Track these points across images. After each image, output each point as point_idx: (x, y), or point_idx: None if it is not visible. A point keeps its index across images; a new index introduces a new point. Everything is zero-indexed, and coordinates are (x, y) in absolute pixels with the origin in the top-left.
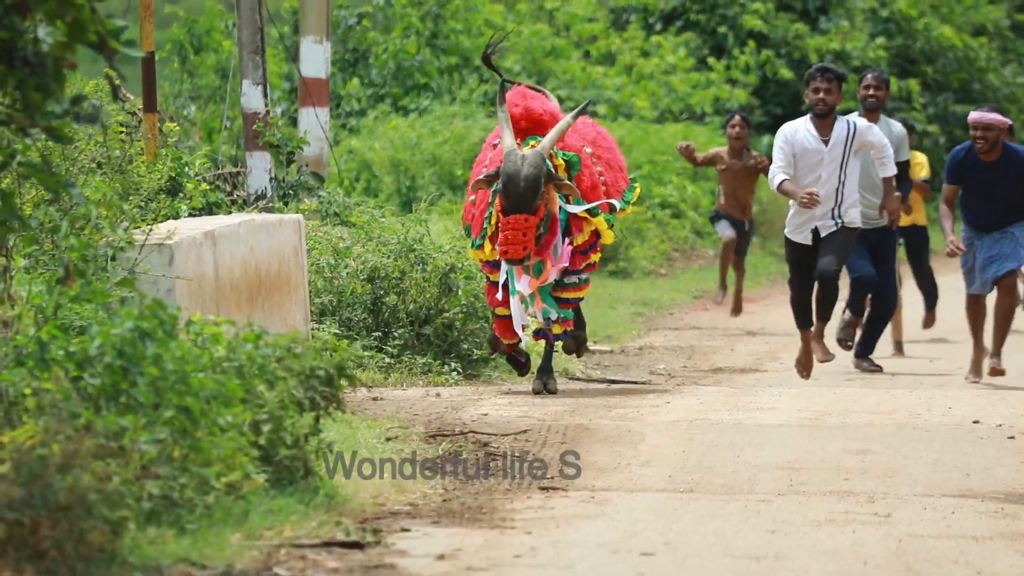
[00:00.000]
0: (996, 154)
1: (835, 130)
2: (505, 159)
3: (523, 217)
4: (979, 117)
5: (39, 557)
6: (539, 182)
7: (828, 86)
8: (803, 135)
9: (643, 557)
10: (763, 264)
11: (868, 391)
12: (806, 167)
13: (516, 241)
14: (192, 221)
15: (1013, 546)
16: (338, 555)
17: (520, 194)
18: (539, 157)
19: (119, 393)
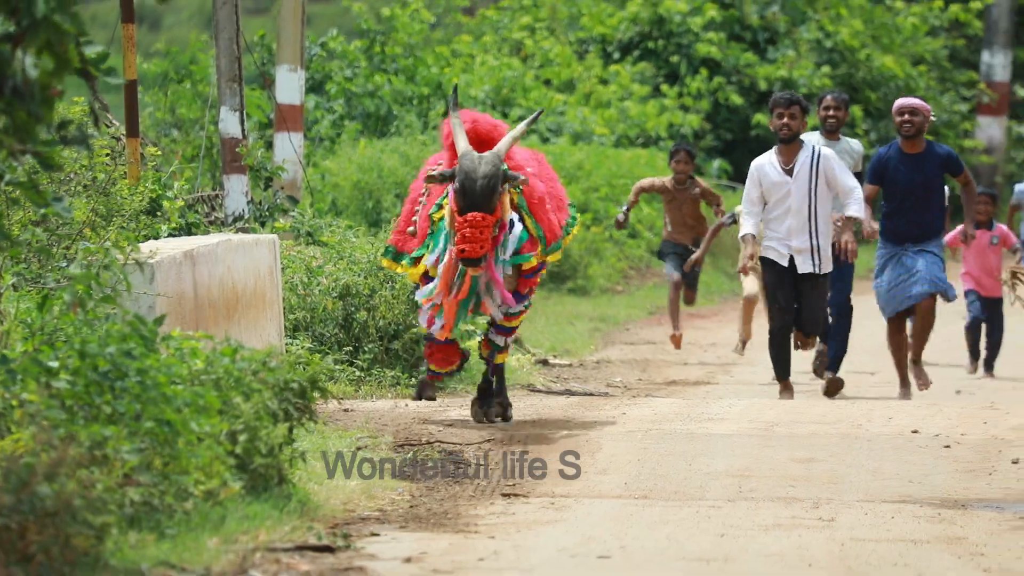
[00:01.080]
0: (920, 147)
1: (799, 159)
2: (461, 158)
3: (480, 215)
4: (904, 101)
5: (27, 561)
6: (497, 180)
7: (792, 111)
8: (767, 168)
9: (600, 560)
10: (715, 282)
11: (813, 403)
12: (775, 200)
13: (475, 239)
14: (172, 241)
15: (950, 549)
16: (310, 558)
17: (478, 191)
18: (496, 156)
19: (102, 404)
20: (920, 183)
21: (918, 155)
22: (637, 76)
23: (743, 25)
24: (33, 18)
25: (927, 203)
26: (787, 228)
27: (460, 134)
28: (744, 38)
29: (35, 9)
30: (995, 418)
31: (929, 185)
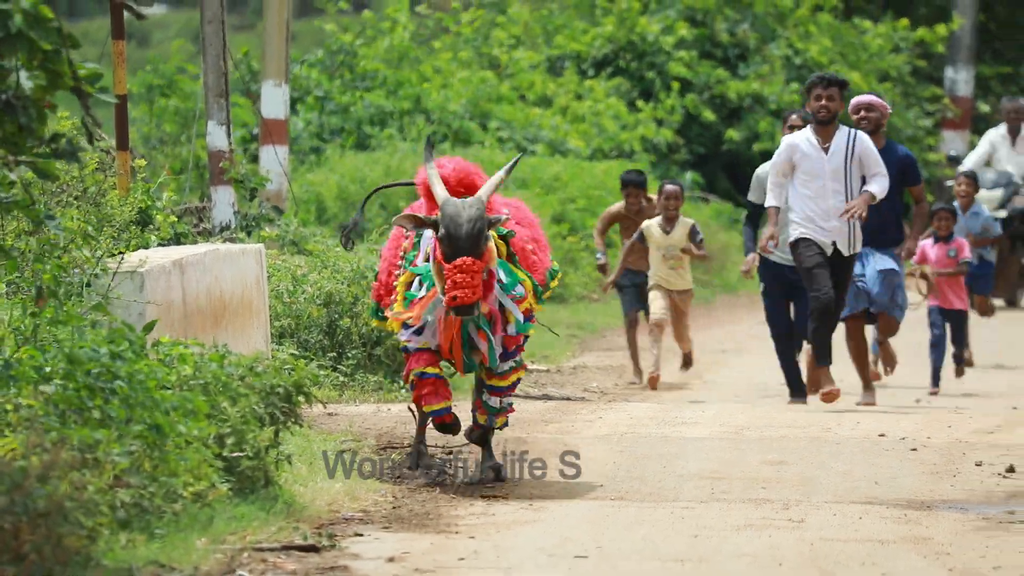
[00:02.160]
0: (879, 144)
1: (836, 139)
2: (443, 206)
3: (470, 260)
4: (860, 99)
5: (20, 560)
6: (483, 223)
7: (830, 92)
8: (803, 144)
9: (577, 560)
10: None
11: (784, 407)
12: (806, 174)
13: (466, 284)
14: (161, 250)
15: (915, 549)
16: (296, 558)
17: (464, 236)
18: (479, 201)
19: (93, 408)
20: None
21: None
22: (612, 91)
23: (714, 43)
24: (8, 32)
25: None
26: (823, 209)
27: (437, 183)
28: (715, 55)
29: (10, 24)
30: (959, 422)
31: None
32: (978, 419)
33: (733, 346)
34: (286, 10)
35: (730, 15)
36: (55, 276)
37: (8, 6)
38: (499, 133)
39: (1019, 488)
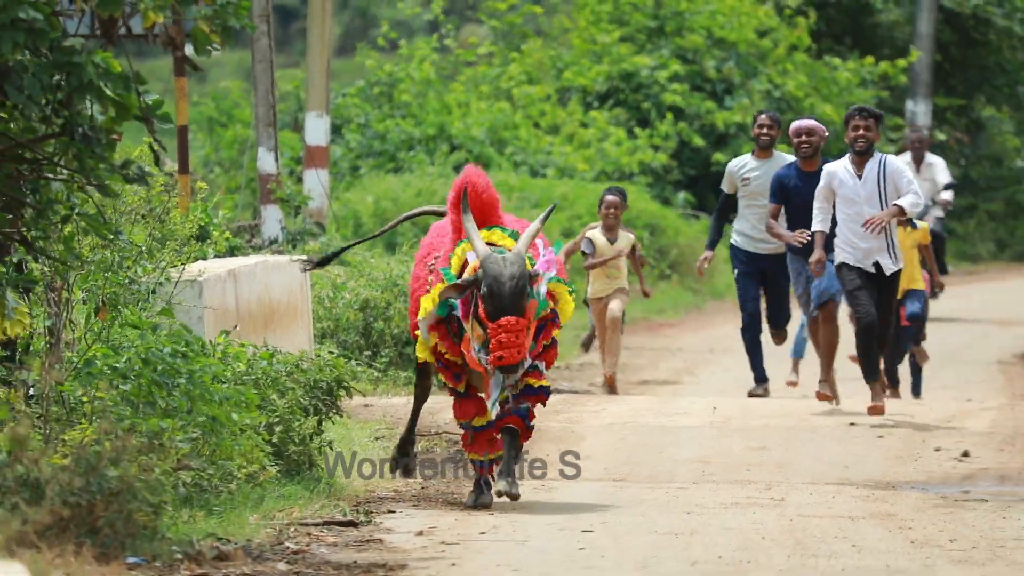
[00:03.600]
0: (816, 166)
1: (868, 166)
2: (484, 263)
3: (514, 319)
4: (800, 123)
5: (95, 533)
6: (525, 280)
7: (867, 123)
8: (841, 173)
9: (584, 533)
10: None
11: (765, 400)
12: (844, 201)
13: (511, 344)
14: (218, 262)
15: (882, 524)
16: (336, 532)
17: (507, 295)
18: (519, 257)
19: (157, 400)
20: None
21: (815, 172)
22: (613, 120)
23: (703, 78)
24: (80, 81)
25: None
26: (862, 232)
27: (476, 238)
28: (704, 88)
29: (83, 75)
30: (921, 412)
31: None
32: (937, 409)
33: (721, 347)
34: (327, 51)
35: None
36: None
37: (81, 59)
38: (514, 157)
39: (973, 470)
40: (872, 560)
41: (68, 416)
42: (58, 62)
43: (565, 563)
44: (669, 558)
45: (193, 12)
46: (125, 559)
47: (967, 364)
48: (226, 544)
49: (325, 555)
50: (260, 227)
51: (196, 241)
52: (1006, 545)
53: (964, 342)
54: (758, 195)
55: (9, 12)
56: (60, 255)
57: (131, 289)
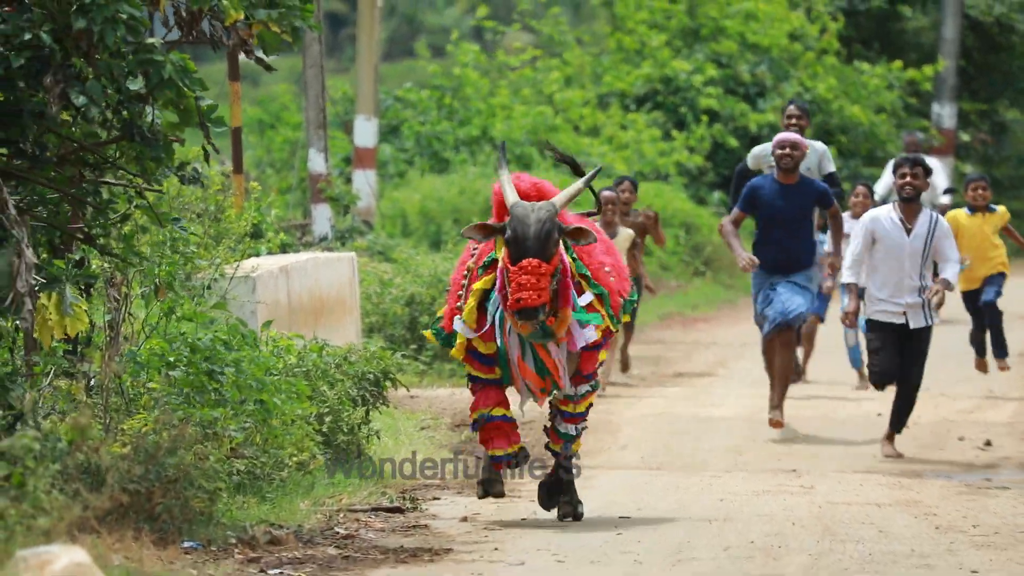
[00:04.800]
0: (794, 179)
1: (919, 219)
2: (513, 207)
3: (536, 262)
4: (785, 136)
5: (153, 519)
6: (552, 226)
7: (915, 172)
8: (885, 221)
9: (621, 519)
10: (714, 292)
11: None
12: (886, 253)
13: (531, 286)
14: (270, 258)
15: (907, 510)
16: (384, 518)
17: (532, 236)
18: (551, 205)
19: (210, 391)
20: (791, 214)
21: (791, 186)
22: (650, 123)
23: (737, 81)
24: (161, 78)
25: (796, 234)
26: (896, 284)
27: (509, 188)
28: (738, 92)
29: (163, 71)
30: (944, 403)
31: (799, 216)
32: (960, 400)
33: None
34: (375, 56)
35: (750, 58)
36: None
37: (161, 58)
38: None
39: (994, 459)
40: (898, 545)
41: (127, 406)
42: (140, 60)
43: (602, 548)
44: (703, 544)
45: (262, 15)
46: (182, 544)
47: (989, 357)
48: (278, 529)
49: (373, 540)
50: (311, 225)
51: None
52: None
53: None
54: None
55: (110, 7)
56: (120, 252)
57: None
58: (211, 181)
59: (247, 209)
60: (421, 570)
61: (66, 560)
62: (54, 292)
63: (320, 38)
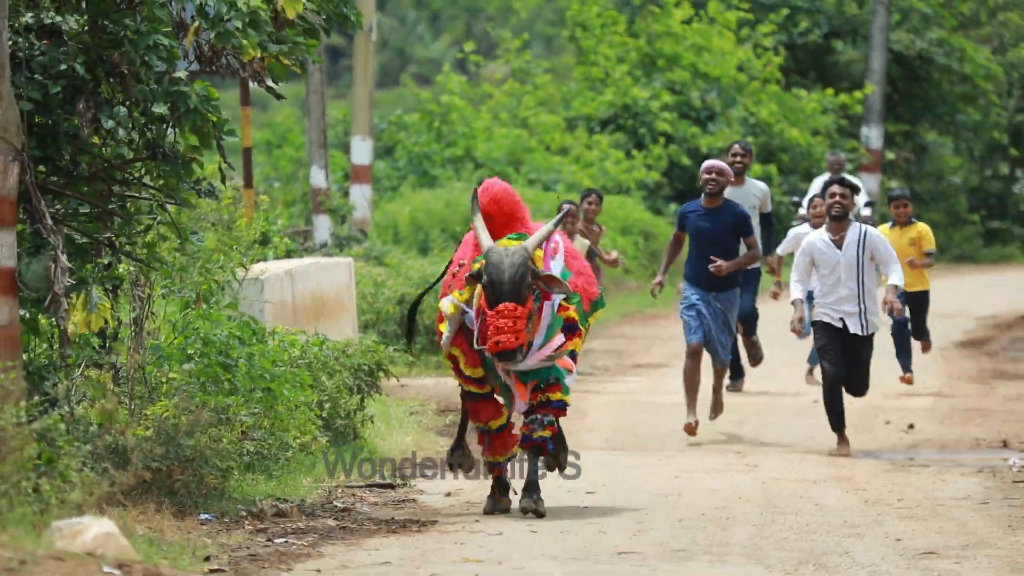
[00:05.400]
0: (718, 202)
1: (848, 235)
2: (488, 254)
3: (512, 305)
4: (712, 163)
5: (172, 494)
6: (526, 270)
7: (843, 191)
8: (818, 243)
9: (588, 494)
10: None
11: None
12: (826, 270)
13: (507, 329)
14: (277, 263)
15: (840, 486)
16: (377, 493)
17: (507, 281)
18: (523, 250)
19: (224, 381)
20: (716, 236)
21: (715, 209)
22: (613, 143)
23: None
24: (187, 107)
25: (723, 254)
26: (837, 296)
27: (483, 233)
28: (690, 116)
29: (189, 101)
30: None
31: (724, 237)
32: (887, 389)
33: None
34: (370, 84)
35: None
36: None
37: (187, 89)
38: (529, 175)
39: (917, 440)
40: (832, 516)
41: (150, 394)
42: (167, 91)
43: (572, 519)
44: (659, 516)
45: (274, 49)
46: (198, 516)
47: (913, 351)
48: (283, 503)
49: (368, 512)
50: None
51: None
52: (945, 503)
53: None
54: None
55: (148, 38)
56: (144, 258)
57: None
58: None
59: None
60: (410, 539)
61: (96, 530)
62: (81, 292)
63: (321, 68)
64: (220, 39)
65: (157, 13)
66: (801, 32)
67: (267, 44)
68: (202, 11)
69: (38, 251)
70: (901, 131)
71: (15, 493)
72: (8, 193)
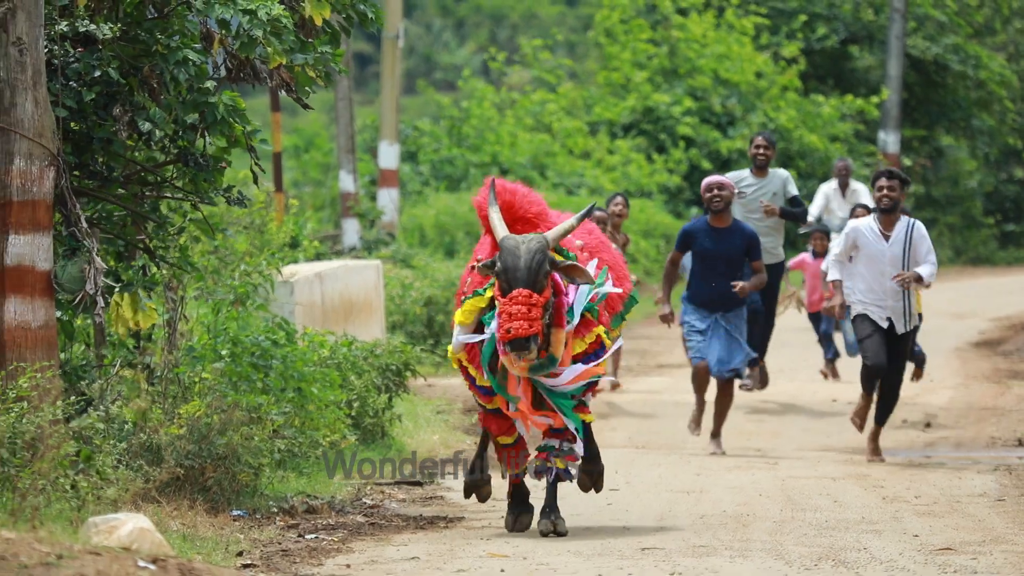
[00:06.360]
0: (727, 222)
1: (896, 229)
2: (503, 242)
3: (526, 292)
4: (712, 179)
5: (205, 491)
6: (543, 257)
7: (892, 184)
8: (865, 231)
9: (611, 492)
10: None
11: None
12: (869, 260)
13: (521, 316)
14: (306, 265)
15: (858, 483)
16: (405, 490)
17: (522, 268)
18: (541, 239)
19: (256, 380)
20: (724, 256)
21: (724, 229)
22: (635, 148)
23: (710, 112)
24: (215, 117)
25: (731, 275)
26: (882, 290)
27: (499, 223)
28: (711, 121)
29: (217, 111)
30: None
31: (732, 258)
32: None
33: None
34: (396, 90)
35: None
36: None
37: (214, 100)
38: (553, 180)
39: (933, 439)
40: (850, 513)
41: (183, 393)
42: (196, 101)
43: (596, 516)
44: (682, 512)
45: (300, 60)
46: (230, 512)
47: (930, 351)
48: (314, 500)
49: (396, 509)
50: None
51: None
52: (961, 501)
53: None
54: (754, 209)
55: (177, 52)
56: (176, 261)
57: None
58: (255, 199)
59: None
60: (437, 535)
61: (131, 526)
62: (127, 293)
63: (349, 75)
64: (243, 49)
65: (187, 24)
66: (819, 38)
67: (293, 53)
68: (224, 22)
69: (73, 254)
70: (918, 136)
71: (53, 489)
72: (44, 197)
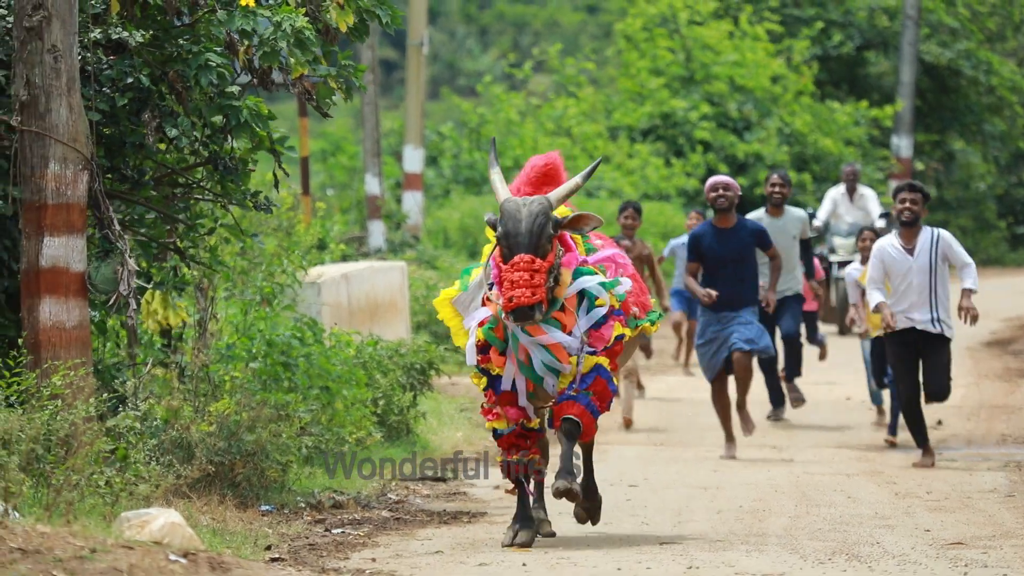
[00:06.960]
0: (731, 222)
1: (920, 240)
2: (503, 205)
3: (529, 257)
4: (716, 179)
5: (235, 486)
6: (545, 220)
7: (914, 196)
8: (889, 249)
9: (630, 488)
10: None
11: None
12: (898, 276)
13: (523, 283)
14: (333, 267)
15: (872, 479)
16: (429, 486)
17: (523, 231)
18: (543, 200)
19: (284, 379)
20: (732, 256)
21: (729, 229)
22: (653, 152)
23: (727, 117)
24: (239, 121)
25: (739, 274)
26: (910, 303)
27: (500, 186)
28: (727, 126)
29: (241, 115)
30: None
31: (740, 257)
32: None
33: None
34: (421, 95)
35: (738, 98)
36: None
37: (239, 104)
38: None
39: (946, 436)
40: (864, 508)
41: (213, 391)
42: (221, 105)
43: (615, 512)
44: (699, 507)
45: (322, 72)
46: (259, 507)
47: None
48: (340, 495)
49: (420, 504)
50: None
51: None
52: (972, 496)
53: None
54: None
55: (202, 56)
56: (207, 262)
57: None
58: (283, 202)
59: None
60: (461, 530)
61: (162, 520)
62: (158, 292)
63: (375, 80)
64: (265, 58)
65: (213, 31)
66: (834, 45)
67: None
68: (247, 33)
69: (107, 255)
70: (930, 141)
71: (86, 485)
72: (78, 200)
